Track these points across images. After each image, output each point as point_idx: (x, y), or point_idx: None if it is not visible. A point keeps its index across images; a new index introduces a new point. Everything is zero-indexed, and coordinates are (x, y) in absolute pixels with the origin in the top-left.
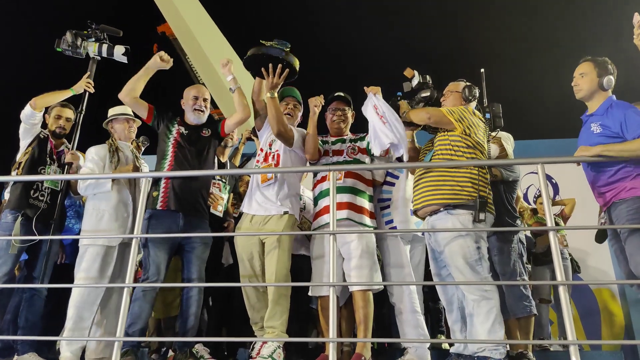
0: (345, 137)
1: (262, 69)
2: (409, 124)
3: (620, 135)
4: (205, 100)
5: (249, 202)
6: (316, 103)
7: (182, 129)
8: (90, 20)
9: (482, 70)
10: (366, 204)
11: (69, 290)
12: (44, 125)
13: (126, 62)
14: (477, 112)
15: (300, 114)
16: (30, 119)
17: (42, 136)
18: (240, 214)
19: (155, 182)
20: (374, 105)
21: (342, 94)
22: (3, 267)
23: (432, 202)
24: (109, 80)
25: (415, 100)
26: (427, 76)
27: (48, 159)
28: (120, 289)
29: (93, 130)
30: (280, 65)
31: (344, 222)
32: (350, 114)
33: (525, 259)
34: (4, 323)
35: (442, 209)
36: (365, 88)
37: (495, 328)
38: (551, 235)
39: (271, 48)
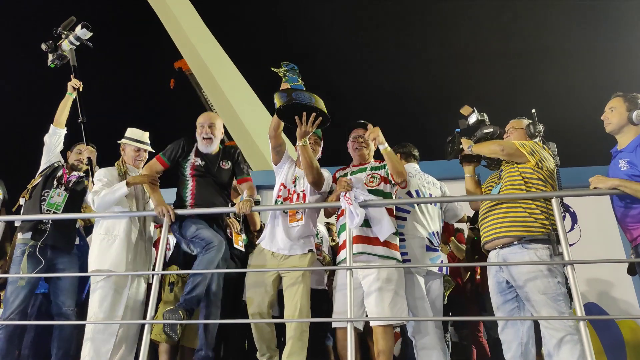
0: (367, 165)
1: (296, 118)
2: (469, 159)
3: None
4: (211, 126)
5: (271, 238)
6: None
7: (198, 160)
8: (53, 28)
9: (533, 110)
10: (395, 238)
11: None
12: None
13: (91, 33)
14: (546, 147)
15: (320, 148)
16: (53, 137)
17: (57, 165)
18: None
19: (179, 204)
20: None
21: (361, 121)
22: (16, 301)
23: (506, 234)
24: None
25: (476, 137)
26: (484, 114)
27: (55, 182)
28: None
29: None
30: (313, 114)
31: (360, 256)
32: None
33: None
34: (23, 359)
35: (515, 242)
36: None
37: None
38: (569, 269)
39: (300, 94)
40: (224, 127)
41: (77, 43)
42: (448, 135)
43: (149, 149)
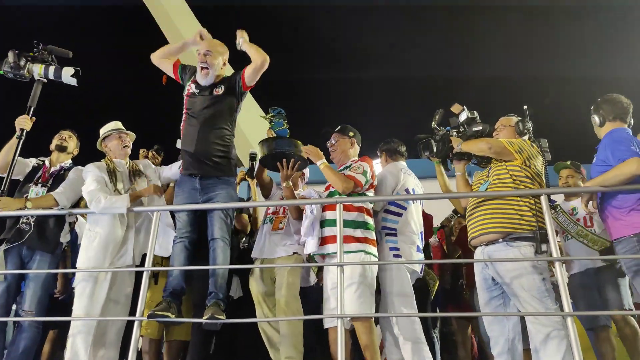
0: (341, 168)
1: (278, 164)
2: (460, 157)
3: (607, 162)
4: (207, 54)
5: (260, 248)
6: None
7: (193, 87)
8: (36, 41)
9: (525, 107)
10: (347, 231)
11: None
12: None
13: (75, 84)
14: (534, 145)
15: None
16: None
17: (37, 164)
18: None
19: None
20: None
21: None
22: None
23: (492, 231)
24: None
25: (465, 135)
26: (475, 111)
27: (33, 184)
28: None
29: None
30: (292, 160)
31: (317, 257)
32: (342, 142)
33: None
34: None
35: (500, 240)
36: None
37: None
38: (557, 265)
39: (280, 142)
40: None
41: (52, 79)
42: (428, 134)
43: (130, 132)
